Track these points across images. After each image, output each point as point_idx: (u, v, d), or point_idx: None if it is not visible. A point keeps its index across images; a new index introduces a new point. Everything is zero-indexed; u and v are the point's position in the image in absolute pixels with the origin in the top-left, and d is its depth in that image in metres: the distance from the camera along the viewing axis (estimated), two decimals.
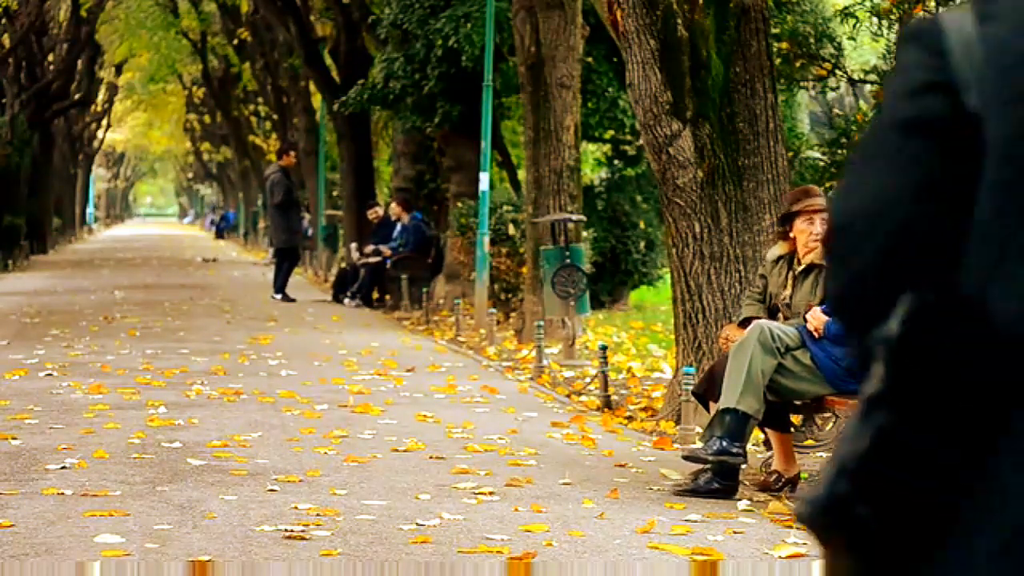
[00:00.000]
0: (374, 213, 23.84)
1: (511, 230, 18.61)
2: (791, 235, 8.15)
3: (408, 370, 13.15)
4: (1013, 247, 1.71)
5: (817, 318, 7.63)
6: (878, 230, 1.77)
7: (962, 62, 1.77)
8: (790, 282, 8.13)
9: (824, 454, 8.62)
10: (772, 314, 8.17)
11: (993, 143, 1.72)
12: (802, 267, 8.12)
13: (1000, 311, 1.70)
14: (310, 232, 34.28)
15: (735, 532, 6.68)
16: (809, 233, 8.06)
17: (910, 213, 1.77)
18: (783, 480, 7.88)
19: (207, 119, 57.43)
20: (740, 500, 7.51)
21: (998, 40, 1.75)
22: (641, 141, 10.82)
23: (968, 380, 1.72)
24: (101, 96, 56.64)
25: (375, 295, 22.13)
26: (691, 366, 9.75)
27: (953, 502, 1.74)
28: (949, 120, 1.76)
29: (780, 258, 8.24)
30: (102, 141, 70.93)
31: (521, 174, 21.01)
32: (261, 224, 46.83)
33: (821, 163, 12.46)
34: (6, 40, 35.20)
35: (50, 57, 41.24)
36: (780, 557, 6.18)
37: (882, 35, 11.98)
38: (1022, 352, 1.67)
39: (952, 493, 1.73)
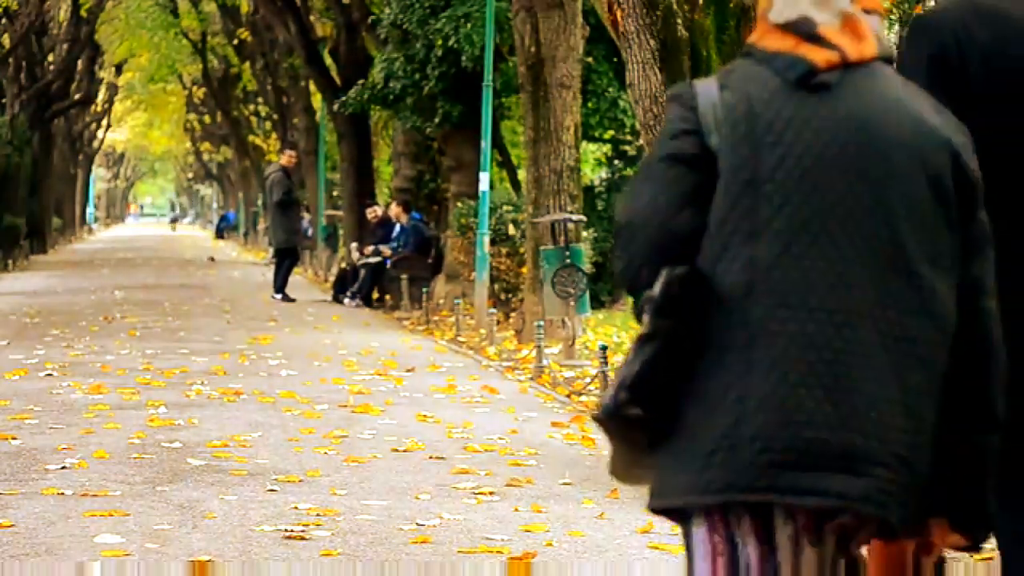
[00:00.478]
0: (372, 213, 23.86)
1: (511, 230, 18.62)
2: None
3: (408, 370, 13.15)
4: (734, 240, 2.68)
5: None
6: (647, 227, 2.73)
7: (707, 116, 2.73)
8: None
9: None
10: None
11: (723, 171, 2.69)
12: None
13: (723, 282, 2.67)
14: (310, 232, 34.29)
15: None
16: None
17: (669, 217, 2.72)
18: None
19: (207, 119, 57.43)
20: None
21: (730, 103, 2.73)
22: (641, 141, 10.81)
23: (701, 327, 2.68)
24: (101, 96, 56.64)
25: (375, 295, 22.13)
26: None
27: (684, 409, 2.69)
28: (697, 155, 2.72)
29: None
30: (102, 141, 70.96)
31: (521, 174, 21.01)
32: (261, 224, 46.82)
33: None
34: (6, 40, 35.20)
35: (50, 57, 41.26)
36: None
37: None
38: (736, 309, 2.65)
39: (685, 402, 2.69)
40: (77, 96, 44.78)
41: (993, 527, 2.89)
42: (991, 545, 2.95)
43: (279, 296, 22.60)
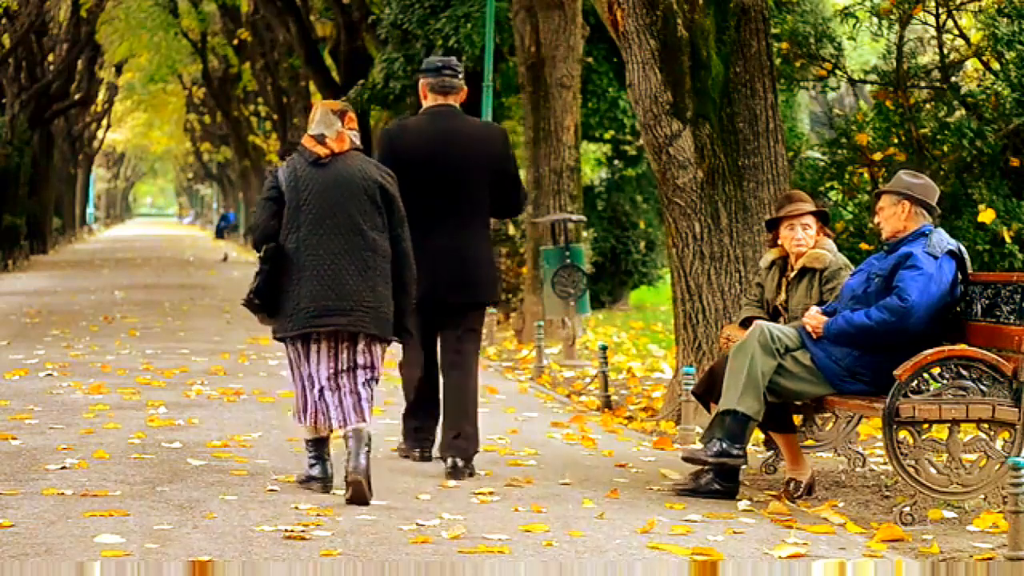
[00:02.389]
0: None
1: (511, 230, 18.61)
2: (779, 241, 8.17)
3: None
4: (292, 231, 7.34)
5: (815, 319, 7.62)
6: (259, 228, 7.44)
7: (281, 180, 7.42)
8: (784, 287, 8.13)
9: (825, 454, 8.62)
10: (773, 317, 8.17)
11: (286, 203, 7.45)
12: (795, 272, 8.10)
13: (289, 248, 7.33)
14: None
15: (735, 532, 6.67)
16: (791, 239, 8.07)
17: (266, 223, 7.40)
18: (802, 486, 7.82)
19: (207, 119, 57.42)
20: (740, 500, 7.50)
21: (288, 173, 7.42)
22: (641, 141, 10.80)
23: (281, 267, 7.34)
24: (101, 96, 56.59)
25: None
26: (691, 366, 9.75)
27: (278, 301, 7.38)
28: (277, 197, 7.41)
29: (772, 264, 8.25)
30: (102, 141, 70.89)
31: (521, 174, 20.97)
32: None
33: (821, 163, 12.45)
34: (6, 40, 35.17)
35: (50, 57, 41.22)
36: (780, 557, 6.17)
37: (882, 35, 11.94)
38: (295, 258, 7.33)
39: (279, 298, 7.37)
40: (77, 96, 44.77)
41: (410, 336, 7.62)
42: (988, 545, 2.98)
43: None
